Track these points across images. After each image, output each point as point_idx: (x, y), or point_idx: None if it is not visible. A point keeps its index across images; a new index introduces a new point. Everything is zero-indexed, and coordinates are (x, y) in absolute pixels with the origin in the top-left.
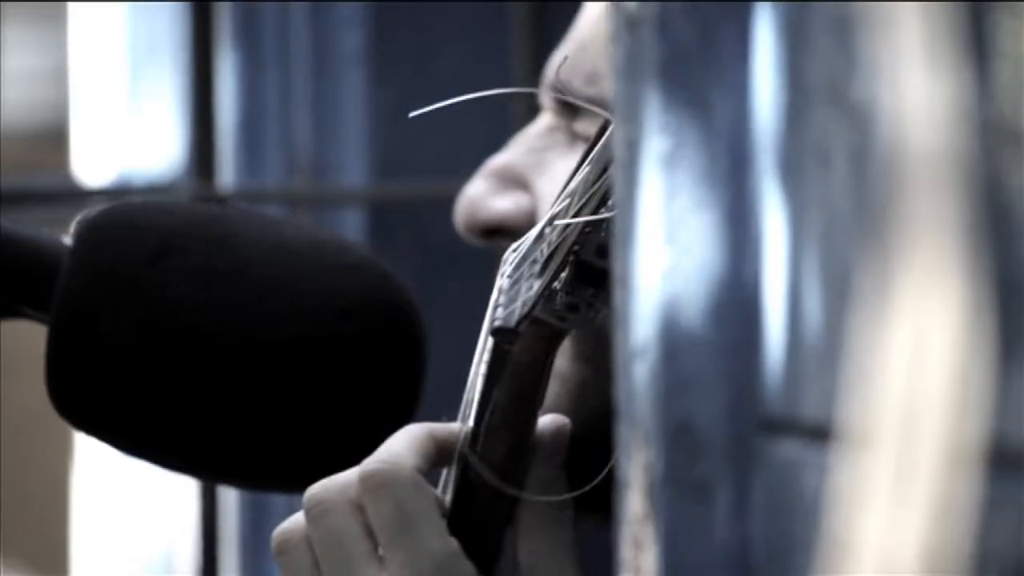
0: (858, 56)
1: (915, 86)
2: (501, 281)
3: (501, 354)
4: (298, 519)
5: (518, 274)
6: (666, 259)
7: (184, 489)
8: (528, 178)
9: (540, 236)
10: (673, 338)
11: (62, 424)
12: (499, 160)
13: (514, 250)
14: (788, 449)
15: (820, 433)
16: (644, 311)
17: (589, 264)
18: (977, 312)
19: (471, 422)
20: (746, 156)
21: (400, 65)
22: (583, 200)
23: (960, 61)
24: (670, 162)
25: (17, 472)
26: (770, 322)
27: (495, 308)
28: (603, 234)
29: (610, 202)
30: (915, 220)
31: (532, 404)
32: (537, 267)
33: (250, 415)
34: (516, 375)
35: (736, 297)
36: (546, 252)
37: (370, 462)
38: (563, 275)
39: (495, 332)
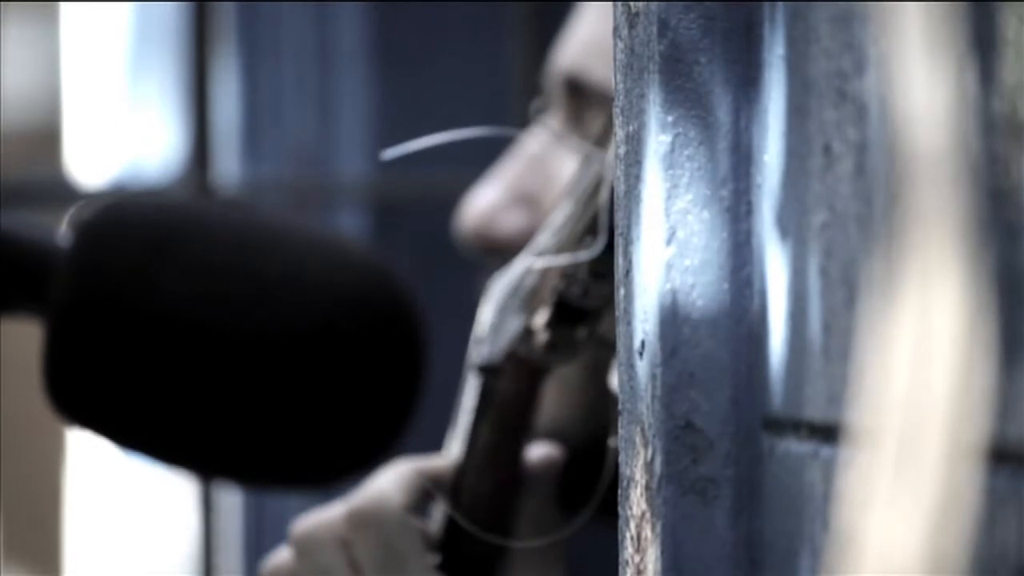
0: (861, 52)
1: (919, 82)
2: (486, 311)
3: (485, 390)
4: (286, 553)
5: (503, 306)
6: (667, 256)
7: (182, 489)
8: (537, 195)
9: (525, 268)
10: (675, 336)
11: (56, 424)
12: (507, 174)
13: (500, 279)
14: (790, 447)
15: (822, 431)
16: (645, 309)
17: (570, 303)
18: (980, 309)
19: (458, 457)
20: (748, 153)
21: (402, 61)
22: (565, 237)
23: (964, 57)
24: (671, 159)
25: (11, 472)
26: (772, 320)
27: (480, 341)
28: (584, 272)
29: (589, 240)
30: (919, 217)
31: (518, 439)
32: (520, 302)
33: (248, 412)
34: (501, 411)
35: (738, 295)
36: (528, 288)
37: (357, 499)
38: (544, 313)
39: (479, 369)
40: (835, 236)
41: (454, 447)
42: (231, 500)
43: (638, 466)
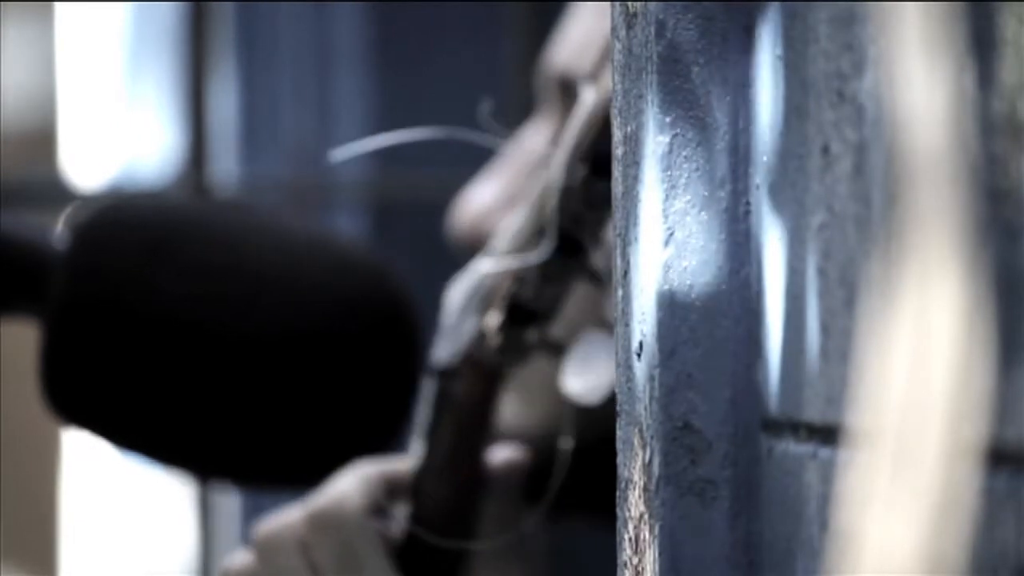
0: (860, 52)
1: (918, 82)
2: (446, 313)
3: (443, 392)
4: (247, 555)
5: (462, 308)
6: (665, 257)
7: (180, 491)
8: (530, 195)
9: (482, 270)
10: (673, 337)
11: (53, 425)
12: (501, 173)
13: (459, 282)
14: (789, 448)
15: (821, 432)
16: (643, 310)
17: (521, 305)
18: (979, 310)
19: (419, 459)
20: (746, 154)
21: (400, 61)
22: (519, 239)
23: (963, 57)
24: (669, 160)
25: (8, 473)
26: (770, 321)
27: (438, 344)
28: (535, 275)
29: (539, 242)
30: (917, 217)
31: (477, 441)
32: (477, 304)
33: (246, 413)
34: (459, 413)
35: (736, 296)
36: (485, 290)
37: (317, 502)
38: (496, 316)
39: (434, 372)
40: (833, 237)
41: (416, 449)
42: (229, 501)
43: (636, 467)
